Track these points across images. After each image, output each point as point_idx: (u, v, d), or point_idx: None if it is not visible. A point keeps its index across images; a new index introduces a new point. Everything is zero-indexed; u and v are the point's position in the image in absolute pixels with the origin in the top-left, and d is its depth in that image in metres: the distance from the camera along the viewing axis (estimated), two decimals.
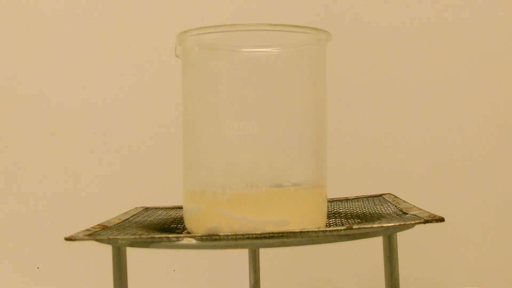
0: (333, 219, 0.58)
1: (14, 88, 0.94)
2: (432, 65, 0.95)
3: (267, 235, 0.43)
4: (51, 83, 0.94)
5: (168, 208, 0.67)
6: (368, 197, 0.67)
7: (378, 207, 0.58)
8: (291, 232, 0.43)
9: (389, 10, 0.96)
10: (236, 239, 0.43)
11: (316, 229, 0.44)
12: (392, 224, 0.45)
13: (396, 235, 0.48)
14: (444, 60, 0.95)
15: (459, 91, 0.95)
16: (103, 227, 0.50)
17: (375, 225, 0.45)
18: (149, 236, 0.45)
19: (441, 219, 0.44)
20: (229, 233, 0.44)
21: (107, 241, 0.46)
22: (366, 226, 0.45)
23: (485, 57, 0.95)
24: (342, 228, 0.44)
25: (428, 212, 0.48)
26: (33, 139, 0.93)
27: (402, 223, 0.45)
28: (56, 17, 0.94)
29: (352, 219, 0.57)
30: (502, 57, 0.95)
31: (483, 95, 0.95)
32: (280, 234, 0.43)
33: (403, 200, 0.59)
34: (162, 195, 0.89)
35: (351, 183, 0.90)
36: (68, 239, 0.44)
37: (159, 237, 0.44)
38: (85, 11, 0.95)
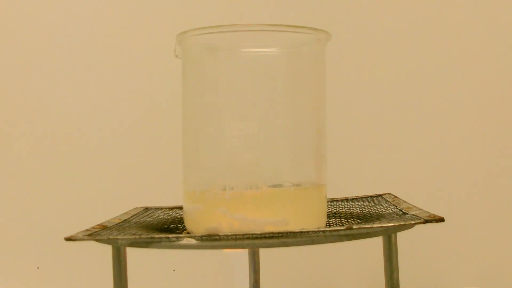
0: (333, 219, 0.58)
1: (14, 88, 0.94)
2: (432, 65, 0.95)
3: (267, 235, 0.43)
4: (51, 83, 0.94)
5: (168, 208, 0.67)
6: (368, 197, 0.67)
7: (378, 207, 0.58)
8: (291, 232, 0.43)
9: (389, 10, 0.96)
10: (236, 239, 0.43)
11: (316, 229, 0.44)
12: (392, 224, 0.45)
13: (396, 235, 0.48)
14: (444, 60, 0.95)
15: (459, 91, 0.95)
16: (103, 227, 0.50)
17: (375, 225, 0.45)
18: (149, 236, 0.45)
19: (441, 219, 0.44)
20: (229, 233, 0.44)
21: (107, 241, 0.46)
22: (366, 226, 0.45)
23: (485, 57, 0.95)
24: (342, 228, 0.44)
25: (428, 212, 0.48)
26: (33, 139, 0.93)
27: (402, 223, 0.45)
28: (56, 17, 0.94)
29: (352, 219, 0.57)
30: (502, 56, 0.95)
31: (483, 95, 0.95)
32: (280, 234, 0.43)
33: (403, 200, 0.59)
34: (162, 195, 0.89)
35: (351, 183, 0.90)
36: (68, 239, 0.44)
37: (159, 237, 0.44)
38: (85, 11, 0.95)
